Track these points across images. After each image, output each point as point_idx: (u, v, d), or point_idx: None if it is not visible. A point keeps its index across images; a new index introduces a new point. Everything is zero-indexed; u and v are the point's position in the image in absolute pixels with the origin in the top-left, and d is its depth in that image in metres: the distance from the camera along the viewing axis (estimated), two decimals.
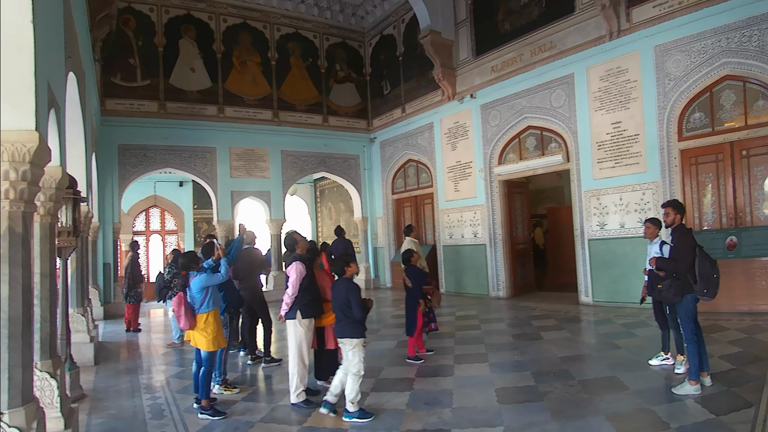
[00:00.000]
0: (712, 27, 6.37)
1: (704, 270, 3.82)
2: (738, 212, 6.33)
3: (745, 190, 6.30)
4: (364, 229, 13.32)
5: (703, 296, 3.84)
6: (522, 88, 9.04)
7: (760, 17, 5.92)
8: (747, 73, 6.15)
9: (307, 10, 12.14)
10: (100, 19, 7.04)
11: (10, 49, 2.52)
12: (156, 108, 10.19)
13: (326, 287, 4.47)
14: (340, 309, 3.81)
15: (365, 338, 3.82)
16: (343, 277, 3.93)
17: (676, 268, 3.96)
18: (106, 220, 9.72)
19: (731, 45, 6.21)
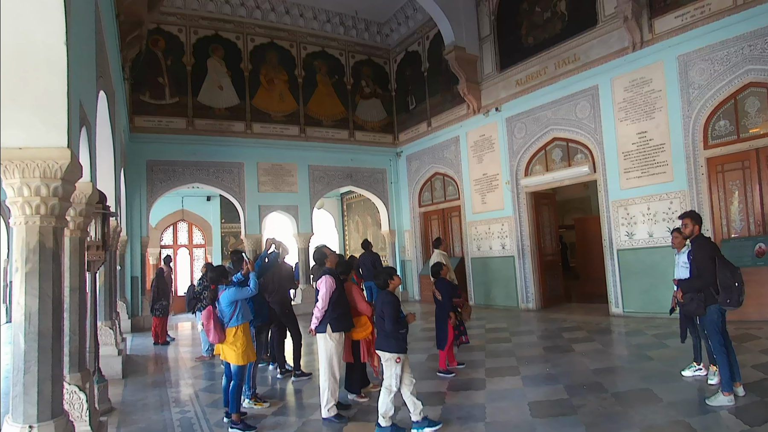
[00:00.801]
0: (734, 35, 6.55)
1: (725, 280, 3.83)
2: (766, 219, 6.38)
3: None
4: (391, 242, 13.63)
5: (727, 306, 3.86)
6: (547, 100, 9.31)
7: None
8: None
9: (333, 29, 12.78)
10: (130, 39, 7.41)
11: (44, 68, 2.67)
12: (184, 125, 10.74)
13: (357, 301, 4.60)
14: (376, 321, 3.93)
15: (401, 354, 3.77)
16: (385, 290, 4.00)
17: (699, 285, 4.01)
18: (134, 234, 10.19)
19: (754, 52, 6.36)
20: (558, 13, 9.20)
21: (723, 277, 3.84)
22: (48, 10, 2.68)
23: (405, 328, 3.87)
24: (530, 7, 9.78)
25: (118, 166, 6.83)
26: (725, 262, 3.93)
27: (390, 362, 3.75)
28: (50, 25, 2.69)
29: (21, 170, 2.68)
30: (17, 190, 2.69)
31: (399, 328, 3.82)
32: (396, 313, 3.84)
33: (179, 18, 10.90)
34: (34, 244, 2.65)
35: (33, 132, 2.72)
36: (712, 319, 4.00)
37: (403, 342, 3.82)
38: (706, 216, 6.91)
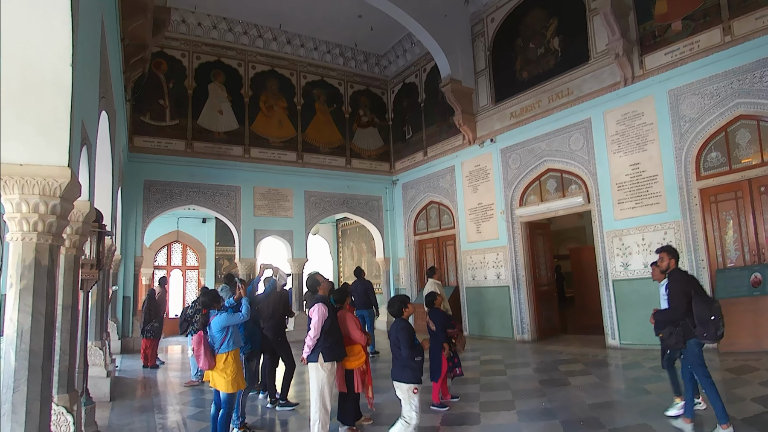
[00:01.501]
0: (723, 70, 6.77)
1: (701, 314, 3.85)
2: (761, 248, 6.44)
3: (766, 226, 6.43)
4: (386, 270, 13.56)
5: (704, 340, 3.90)
6: (541, 132, 9.48)
7: None
8: (760, 112, 6.46)
9: (333, 60, 13.09)
10: (134, 62, 7.50)
11: (49, 88, 2.72)
12: (183, 147, 10.84)
13: (350, 329, 4.51)
14: (392, 350, 3.83)
15: (418, 384, 3.71)
16: (399, 318, 3.94)
17: (670, 317, 4.08)
18: (128, 254, 10.10)
19: (743, 86, 6.57)
20: (551, 50, 9.48)
21: (699, 311, 3.87)
22: (56, 31, 2.75)
23: (420, 356, 3.79)
24: (524, 43, 10.08)
25: (115, 185, 6.83)
26: (702, 296, 3.97)
27: (408, 393, 3.67)
28: (57, 46, 2.75)
29: (21, 186, 2.69)
30: (16, 205, 2.69)
31: (415, 354, 3.74)
32: (411, 339, 3.76)
33: (183, 43, 11.15)
34: (29, 260, 2.64)
35: (35, 149, 2.75)
36: (693, 352, 4.03)
37: (419, 371, 3.74)
38: (700, 246, 6.99)
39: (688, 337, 4.00)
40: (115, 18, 5.90)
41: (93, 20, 3.85)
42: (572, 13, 8.99)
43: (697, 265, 6.94)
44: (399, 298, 4.05)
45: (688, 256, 7.03)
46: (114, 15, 5.76)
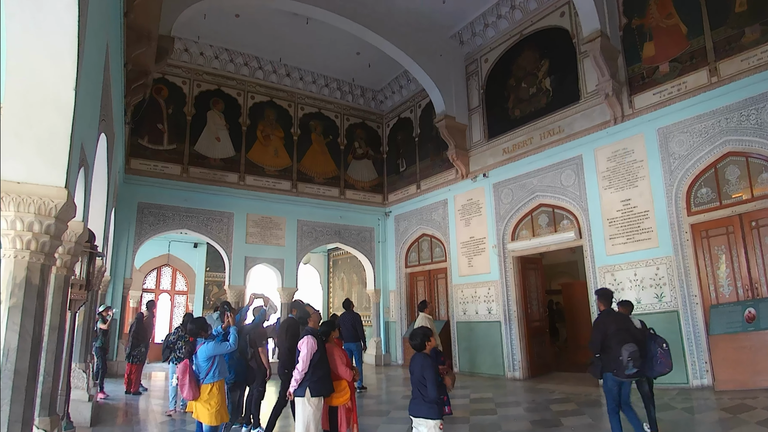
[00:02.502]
0: (711, 109, 6.98)
1: (612, 351, 4.44)
2: (753, 283, 6.47)
3: (759, 261, 6.48)
4: (376, 302, 13.38)
5: (616, 376, 4.43)
6: (533, 168, 9.62)
7: (756, 98, 6.51)
8: (748, 149, 6.62)
9: (330, 93, 13.35)
10: (136, 87, 7.50)
11: (51, 109, 2.77)
12: (179, 171, 10.86)
13: (337, 364, 4.40)
14: (416, 386, 3.63)
15: (443, 420, 3.58)
16: (420, 352, 3.77)
17: (591, 350, 4.78)
18: (117, 275, 9.91)
19: (731, 124, 6.76)
20: (543, 89, 9.76)
21: (612, 348, 4.45)
22: (61, 55, 2.81)
23: (445, 393, 3.66)
24: (517, 83, 10.37)
25: (110, 206, 6.79)
26: (618, 336, 4.54)
27: (435, 430, 3.49)
28: (62, 70, 2.81)
29: (17, 204, 2.69)
30: (10, 222, 2.69)
31: (441, 393, 3.59)
32: (437, 377, 3.58)
33: (184, 71, 11.34)
34: (20, 279, 2.62)
35: (33, 168, 2.77)
36: (607, 385, 4.64)
37: (441, 406, 3.61)
38: (693, 281, 7.01)
39: (605, 371, 4.62)
40: (120, 45, 6.02)
41: (98, 46, 3.92)
42: (563, 55, 9.31)
43: (690, 301, 6.96)
44: (422, 330, 3.83)
45: (680, 292, 7.05)
46: (119, 42, 5.88)
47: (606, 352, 4.59)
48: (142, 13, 6.06)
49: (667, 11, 7.59)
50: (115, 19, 5.30)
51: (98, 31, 3.82)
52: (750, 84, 6.53)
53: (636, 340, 4.69)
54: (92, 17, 3.29)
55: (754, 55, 6.53)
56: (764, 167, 6.53)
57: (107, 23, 4.51)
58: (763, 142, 6.40)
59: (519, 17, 10.16)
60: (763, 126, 6.41)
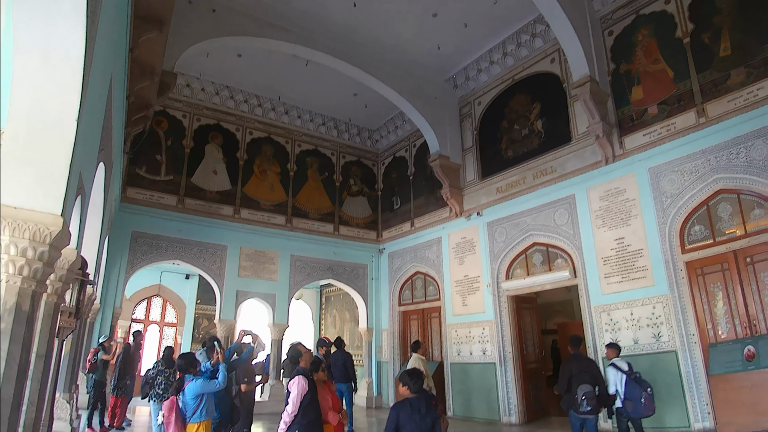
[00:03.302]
0: (700, 149, 7.12)
1: (572, 391, 5.42)
2: (752, 320, 6.41)
3: (755, 297, 6.45)
4: (368, 341, 13.09)
5: (576, 413, 5.32)
6: (526, 207, 9.71)
7: (744, 136, 6.66)
8: (739, 185, 6.71)
9: (327, 132, 13.59)
10: (136, 119, 7.66)
11: (53, 138, 2.81)
12: (175, 202, 10.87)
13: (327, 408, 4.23)
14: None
15: None
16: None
17: (556, 390, 5.82)
18: (107, 304, 9.69)
19: (720, 163, 6.89)
20: (535, 131, 9.99)
21: (572, 389, 5.40)
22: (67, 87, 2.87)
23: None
24: (509, 124, 10.63)
25: (104, 234, 6.73)
26: (578, 377, 5.50)
27: None
28: (66, 101, 2.87)
29: (12, 229, 2.67)
30: (4, 247, 2.65)
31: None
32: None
33: (185, 105, 11.55)
34: (11, 304, 2.56)
35: (30, 194, 2.77)
36: (571, 420, 5.54)
37: None
38: (690, 320, 6.93)
39: (567, 408, 5.49)
40: (124, 78, 6.14)
41: (103, 79, 3.99)
42: (554, 99, 9.60)
43: (688, 340, 6.87)
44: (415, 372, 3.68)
45: (678, 331, 6.97)
46: (123, 75, 6.01)
47: (568, 391, 5.50)
48: (147, 49, 6.23)
49: (654, 57, 7.92)
50: (121, 53, 5.42)
51: (104, 65, 3.90)
52: (738, 123, 6.70)
53: (595, 382, 5.57)
54: (99, 52, 3.37)
55: (740, 96, 6.74)
56: (756, 203, 6.61)
57: (113, 57, 4.61)
58: (754, 179, 6.51)
59: (511, 63, 10.53)
60: (752, 163, 6.54)
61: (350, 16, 9.65)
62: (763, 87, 6.50)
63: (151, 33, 5.98)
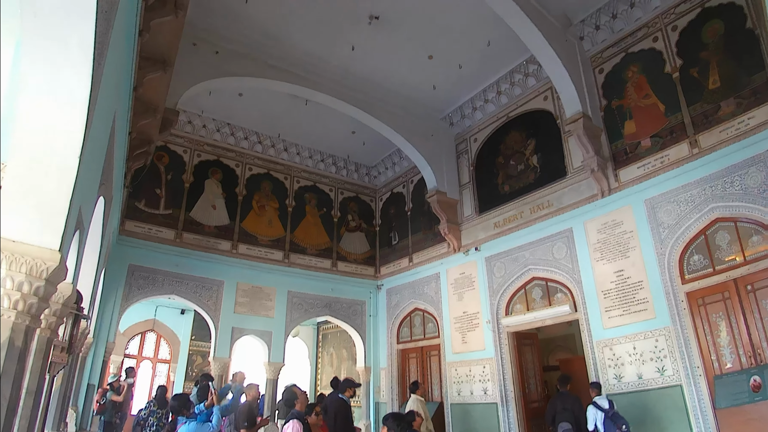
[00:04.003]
0: (695, 179, 7.16)
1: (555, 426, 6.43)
2: (756, 349, 6.26)
3: (759, 325, 6.32)
4: (366, 381, 12.72)
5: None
6: (524, 242, 9.68)
7: (738, 165, 6.71)
8: (736, 213, 6.72)
9: (326, 168, 13.74)
10: (138, 154, 7.73)
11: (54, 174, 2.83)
12: (173, 236, 10.84)
13: None
14: None
15: None
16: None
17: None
18: (100, 338, 9.44)
19: (716, 192, 6.91)
20: (531, 166, 10.12)
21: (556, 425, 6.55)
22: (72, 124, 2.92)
23: None
24: (505, 160, 10.78)
25: (100, 266, 6.67)
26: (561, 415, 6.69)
27: None
28: (70, 138, 2.92)
29: (9, 262, 2.65)
30: (1, 280, 2.62)
31: None
32: None
33: (186, 141, 11.71)
34: (3, 339, 2.51)
35: (29, 228, 2.79)
36: None
37: None
38: (694, 351, 6.78)
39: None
40: (127, 114, 6.25)
41: (106, 116, 4.06)
42: (548, 134, 9.79)
43: (693, 373, 6.69)
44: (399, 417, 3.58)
45: (682, 364, 6.81)
46: (126, 112, 6.11)
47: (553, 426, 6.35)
48: (151, 88, 6.38)
49: (644, 92, 8.14)
50: (125, 92, 5.54)
51: (108, 104, 3.97)
52: (731, 152, 6.77)
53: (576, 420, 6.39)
54: (104, 92, 3.43)
55: (731, 126, 6.86)
56: (754, 230, 6.59)
57: (117, 96, 4.69)
58: (751, 207, 6.52)
59: (505, 101, 10.80)
60: (748, 191, 6.57)
61: (348, 58, 9.97)
62: (754, 116, 6.63)
63: (156, 73, 6.11)
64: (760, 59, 6.68)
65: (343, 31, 9.28)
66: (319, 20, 9.02)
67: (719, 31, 7.29)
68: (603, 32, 8.81)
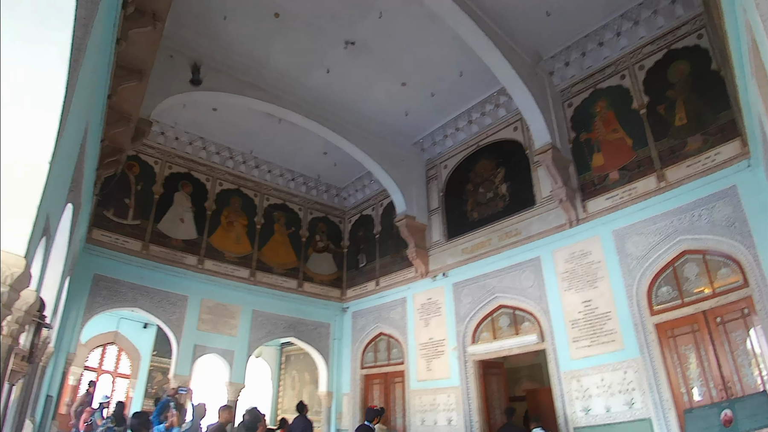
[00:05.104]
0: (662, 211, 6.91)
1: None
2: (726, 382, 5.87)
3: (729, 357, 5.96)
4: (327, 406, 11.80)
5: None
6: (492, 269, 9.21)
7: (705, 199, 6.51)
8: (704, 246, 6.45)
9: (296, 187, 13.08)
10: (108, 162, 7.34)
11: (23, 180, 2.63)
12: (139, 248, 10.04)
13: None
14: None
15: None
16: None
17: None
18: (61, 348, 8.58)
19: (683, 224, 6.66)
20: (500, 194, 9.78)
21: None
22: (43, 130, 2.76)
23: None
24: (474, 187, 10.42)
25: (65, 274, 6.28)
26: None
27: None
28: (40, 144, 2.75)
29: None
30: None
31: None
32: None
33: (158, 152, 10.99)
34: None
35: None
36: None
37: None
38: (663, 384, 6.33)
39: None
40: (100, 122, 5.98)
41: (79, 123, 3.89)
42: (518, 164, 9.50)
43: (663, 406, 6.22)
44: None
45: (651, 397, 6.33)
46: (99, 119, 5.82)
47: None
48: (125, 97, 6.15)
49: (612, 126, 7.96)
50: (99, 98, 5.34)
51: (81, 109, 3.81)
52: (698, 187, 6.58)
53: None
54: (78, 98, 3.28)
55: (698, 161, 6.69)
56: (723, 263, 6.32)
57: (91, 102, 4.52)
58: (719, 239, 6.28)
59: (476, 130, 10.54)
60: (716, 224, 6.34)
61: (324, 81, 9.65)
62: (721, 152, 6.48)
63: (131, 82, 5.91)
64: (725, 98, 6.56)
65: (320, 54, 8.99)
66: (297, 42, 8.72)
67: (685, 72, 7.22)
68: (572, 68, 8.69)
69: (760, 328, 5.65)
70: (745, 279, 5.98)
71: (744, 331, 5.98)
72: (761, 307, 5.62)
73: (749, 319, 5.89)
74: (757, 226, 5.87)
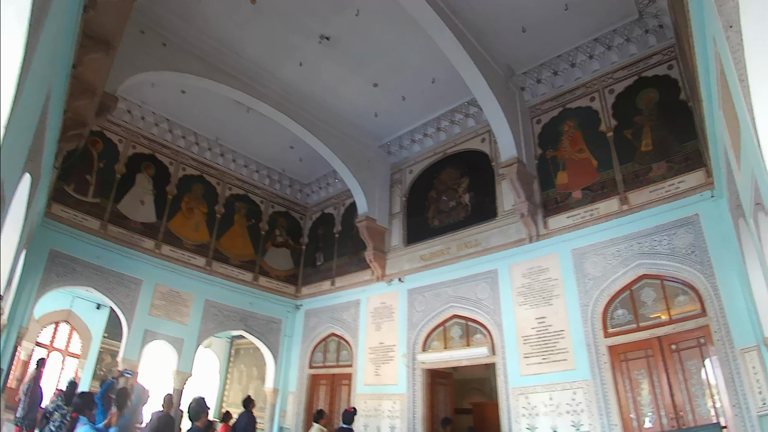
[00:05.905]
0: (623, 234, 6.49)
1: None
2: (678, 411, 5.42)
3: (682, 386, 5.53)
4: (272, 403, 10.85)
5: None
6: (448, 278, 8.59)
7: (666, 225, 6.12)
8: (663, 271, 6.04)
9: (260, 179, 12.09)
10: (71, 135, 6.68)
11: None
12: (98, 227, 9.08)
13: None
14: None
15: None
16: None
17: None
18: (14, 322, 7.66)
19: (643, 249, 6.24)
20: (462, 204, 9.19)
21: None
22: None
23: None
24: (438, 195, 9.79)
25: (20, 247, 5.64)
26: None
27: None
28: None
29: None
30: None
31: None
32: None
33: (123, 130, 9.96)
34: None
35: None
36: None
37: None
38: (613, 408, 5.83)
39: None
40: (63, 92, 5.43)
41: (40, 89, 3.53)
42: (483, 175, 8.94)
43: (610, 430, 5.72)
44: None
45: (599, 420, 5.82)
46: (62, 90, 5.30)
47: None
48: (91, 69, 5.61)
49: (579, 146, 7.52)
50: (63, 67, 4.85)
51: (42, 75, 3.45)
52: (660, 213, 6.20)
53: None
54: (38, 61, 2.95)
55: (662, 187, 6.32)
56: (681, 290, 5.92)
57: (54, 69, 4.13)
58: (678, 266, 5.89)
59: (444, 138, 9.92)
60: (676, 251, 5.95)
61: (296, 74, 8.91)
62: (685, 180, 6.12)
63: (97, 53, 5.41)
64: (692, 128, 6.21)
65: (294, 47, 8.27)
66: (271, 31, 7.99)
67: (654, 99, 6.85)
68: (544, 86, 8.22)
69: (716, 358, 5.24)
70: (703, 308, 5.59)
71: (699, 361, 5.57)
72: (719, 338, 5.21)
73: (705, 348, 5.49)
74: (718, 256, 5.49)
